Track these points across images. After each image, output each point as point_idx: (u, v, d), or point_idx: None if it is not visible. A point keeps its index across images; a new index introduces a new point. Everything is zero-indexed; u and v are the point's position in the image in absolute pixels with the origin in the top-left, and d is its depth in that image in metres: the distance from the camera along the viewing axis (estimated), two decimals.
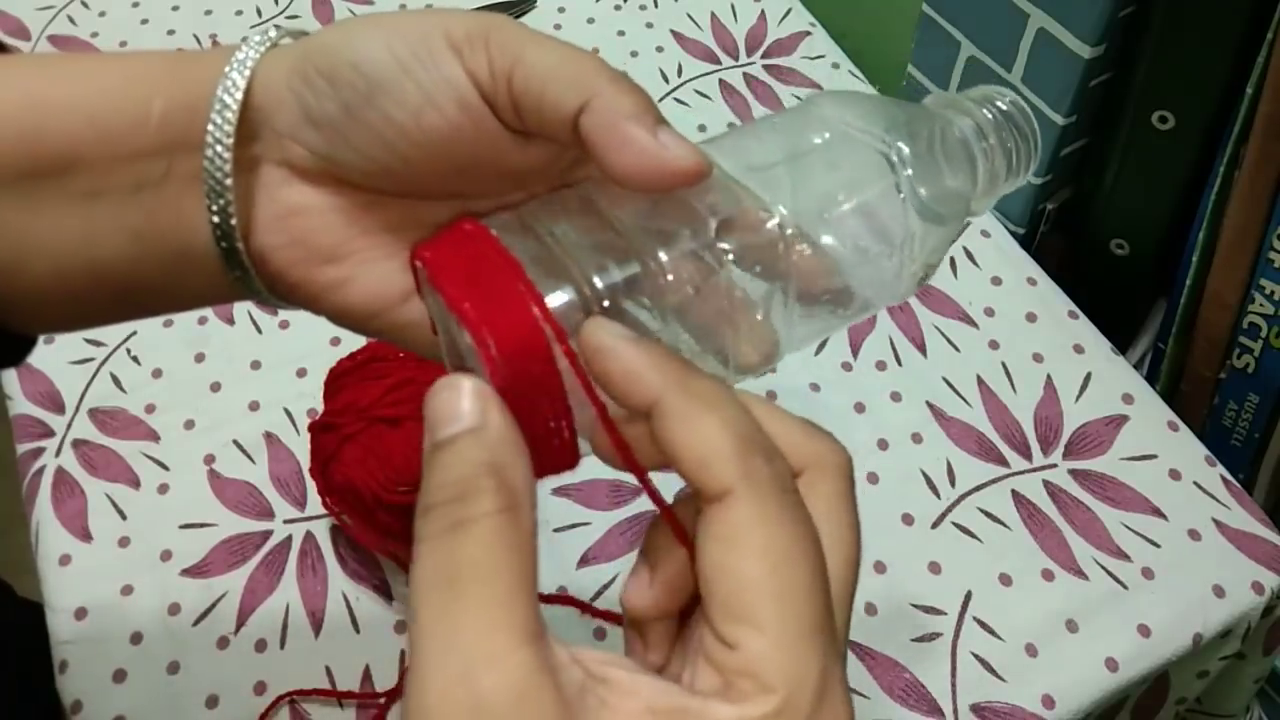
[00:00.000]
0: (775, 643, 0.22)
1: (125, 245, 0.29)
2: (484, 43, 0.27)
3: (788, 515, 0.23)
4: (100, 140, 0.28)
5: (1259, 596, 0.55)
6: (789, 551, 0.23)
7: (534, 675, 0.21)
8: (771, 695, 0.21)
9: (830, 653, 0.22)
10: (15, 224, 0.29)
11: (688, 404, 0.23)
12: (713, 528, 0.23)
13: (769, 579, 0.22)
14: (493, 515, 0.22)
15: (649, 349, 0.24)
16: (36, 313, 0.31)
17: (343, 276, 0.30)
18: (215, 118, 0.28)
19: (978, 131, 0.29)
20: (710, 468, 0.23)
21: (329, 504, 0.54)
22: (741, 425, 0.23)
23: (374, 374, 0.54)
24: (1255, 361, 0.61)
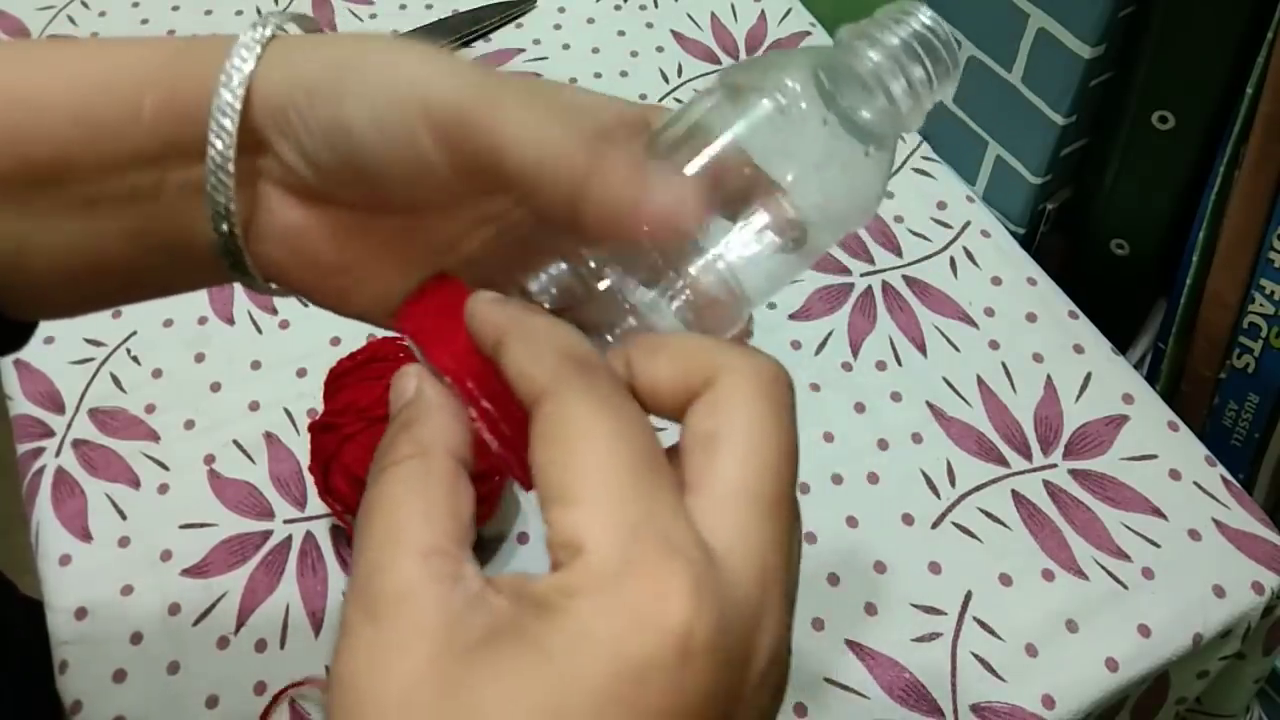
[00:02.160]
0: (583, 507, 0.22)
1: (126, 246, 0.30)
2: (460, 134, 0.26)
3: (596, 400, 0.24)
4: (89, 137, 0.28)
5: (1259, 596, 0.55)
6: (593, 428, 0.23)
7: (418, 580, 0.23)
8: (578, 557, 0.22)
9: (652, 516, 0.22)
10: (14, 228, 0.29)
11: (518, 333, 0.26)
12: (533, 432, 0.24)
13: (574, 454, 0.23)
14: (399, 461, 0.25)
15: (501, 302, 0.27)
16: (39, 302, 0.31)
17: (345, 286, 0.31)
18: (215, 140, 0.28)
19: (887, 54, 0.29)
20: (527, 378, 0.25)
21: (330, 503, 0.55)
22: (558, 341, 0.25)
23: (374, 374, 0.54)
24: (1255, 361, 0.61)
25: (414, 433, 0.26)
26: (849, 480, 0.59)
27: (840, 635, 0.54)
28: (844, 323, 0.66)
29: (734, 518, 0.23)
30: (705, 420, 0.25)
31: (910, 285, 0.68)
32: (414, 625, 0.22)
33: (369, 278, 0.30)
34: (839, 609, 0.55)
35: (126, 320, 0.65)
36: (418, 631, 0.22)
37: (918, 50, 0.29)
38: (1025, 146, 0.68)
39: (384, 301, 0.31)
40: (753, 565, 0.23)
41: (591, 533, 0.22)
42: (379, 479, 0.25)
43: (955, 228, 0.70)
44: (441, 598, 0.23)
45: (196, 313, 0.65)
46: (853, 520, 0.58)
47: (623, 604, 0.21)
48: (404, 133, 0.27)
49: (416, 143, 0.27)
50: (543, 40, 0.80)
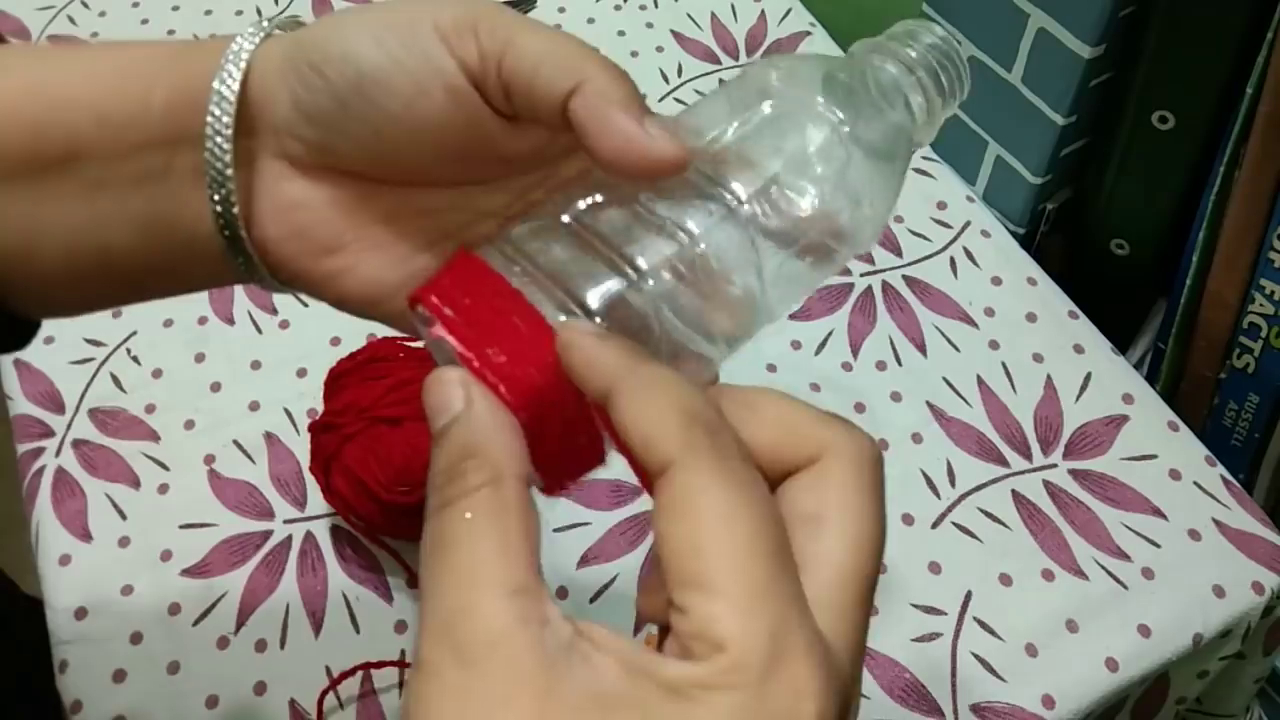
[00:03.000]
0: (721, 602, 0.22)
1: (131, 234, 0.30)
2: (473, 30, 0.27)
3: (731, 480, 0.23)
4: (102, 131, 0.29)
5: (1259, 596, 0.55)
6: (731, 513, 0.23)
7: (510, 625, 0.22)
8: (720, 653, 0.22)
9: (788, 614, 0.22)
10: (23, 213, 0.29)
11: (634, 387, 0.25)
12: (660, 500, 0.23)
13: (710, 540, 0.22)
14: (473, 489, 0.24)
15: (606, 341, 0.26)
16: (45, 297, 0.32)
17: (342, 266, 0.30)
18: (213, 109, 0.28)
19: (904, 69, 0.30)
20: (651, 443, 0.24)
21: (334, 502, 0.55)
22: (683, 402, 0.24)
23: (374, 374, 0.54)
24: (1255, 361, 0.61)
25: (482, 458, 0.25)
26: None
27: None
28: (844, 323, 0.66)
29: (838, 603, 0.24)
30: (809, 500, 0.25)
31: (910, 285, 0.68)
32: (513, 673, 0.22)
33: (363, 260, 0.31)
34: None
35: (126, 320, 0.65)
36: (518, 679, 0.22)
37: (933, 64, 0.30)
38: (1025, 146, 0.68)
39: (376, 288, 0.31)
40: (853, 645, 0.24)
41: (734, 630, 0.22)
42: (448, 509, 0.24)
43: (955, 228, 0.70)
44: (536, 644, 0.22)
45: (196, 313, 0.65)
46: None
47: (767, 704, 0.21)
48: (412, 41, 0.27)
49: (423, 46, 0.27)
50: None
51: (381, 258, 0.31)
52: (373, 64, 0.27)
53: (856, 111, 0.29)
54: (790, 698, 0.21)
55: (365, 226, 0.30)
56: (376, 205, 0.30)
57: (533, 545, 0.24)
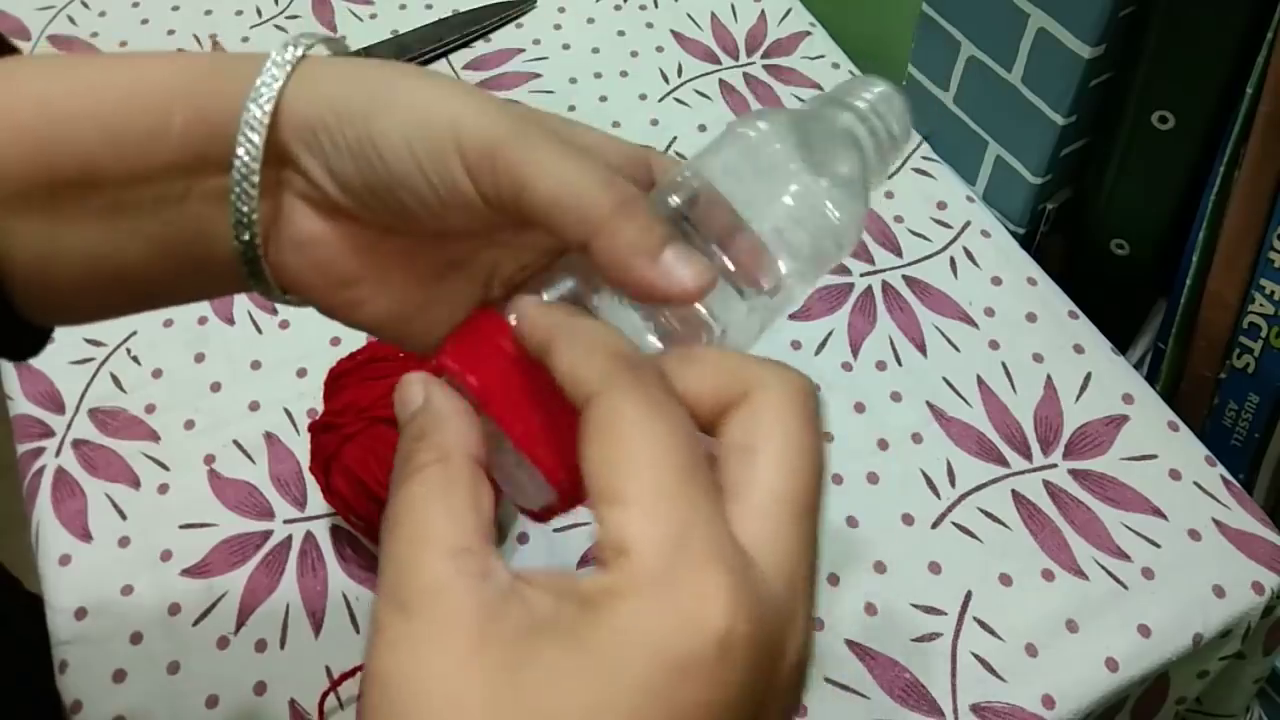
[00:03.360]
0: (630, 509, 0.23)
1: (148, 254, 0.30)
2: (490, 164, 0.28)
3: (646, 402, 0.24)
4: (116, 150, 0.29)
5: (1259, 596, 0.55)
6: (644, 430, 0.24)
7: (450, 577, 0.24)
8: (624, 556, 0.23)
9: (694, 521, 0.23)
10: (39, 234, 0.29)
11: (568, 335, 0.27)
12: (583, 429, 0.25)
13: (623, 454, 0.24)
14: (421, 468, 0.26)
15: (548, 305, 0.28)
16: (59, 309, 0.32)
17: (357, 298, 0.31)
18: (241, 153, 0.28)
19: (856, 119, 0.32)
20: (578, 379, 0.26)
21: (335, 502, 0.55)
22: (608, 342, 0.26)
23: (374, 374, 0.54)
24: (1255, 361, 0.61)
25: (431, 440, 0.27)
26: (849, 480, 0.59)
27: (840, 635, 0.54)
28: (844, 323, 0.66)
29: (769, 524, 0.24)
30: (742, 432, 0.26)
31: (910, 285, 0.68)
32: (450, 618, 0.23)
33: (379, 291, 0.31)
34: (839, 609, 0.55)
35: (126, 320, 0.65)
36: (454, 624, 0.23)
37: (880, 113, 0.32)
38: (1025, 146, 0.68)
39: (391, 314, 0.32)
40: (784, 569, 0.24)
41: (639, 536, 0.23)
42: (401, 486, 0.26)
43: (955, 228, 0.70)
44: (473, 590, 0.23)
45: (196, 313, 0.65)
46: (853, 520, 0.58)
47: (667, 605, 0.22)
48: (438, 159, 0.28)
49: (449, 169, 0.28)
50: (543, 40, 0.80)
51: (395, 289, 0.31)
52: (402, 170, 0.28)
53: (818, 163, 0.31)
54: (693, 600, 0.22)
55: (381, 264, 0.31)
56: (393, 245, 0.31)
57: (481, 515, 0.26)
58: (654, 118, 0.76)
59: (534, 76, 0.78)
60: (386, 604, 0.24)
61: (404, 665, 0.23)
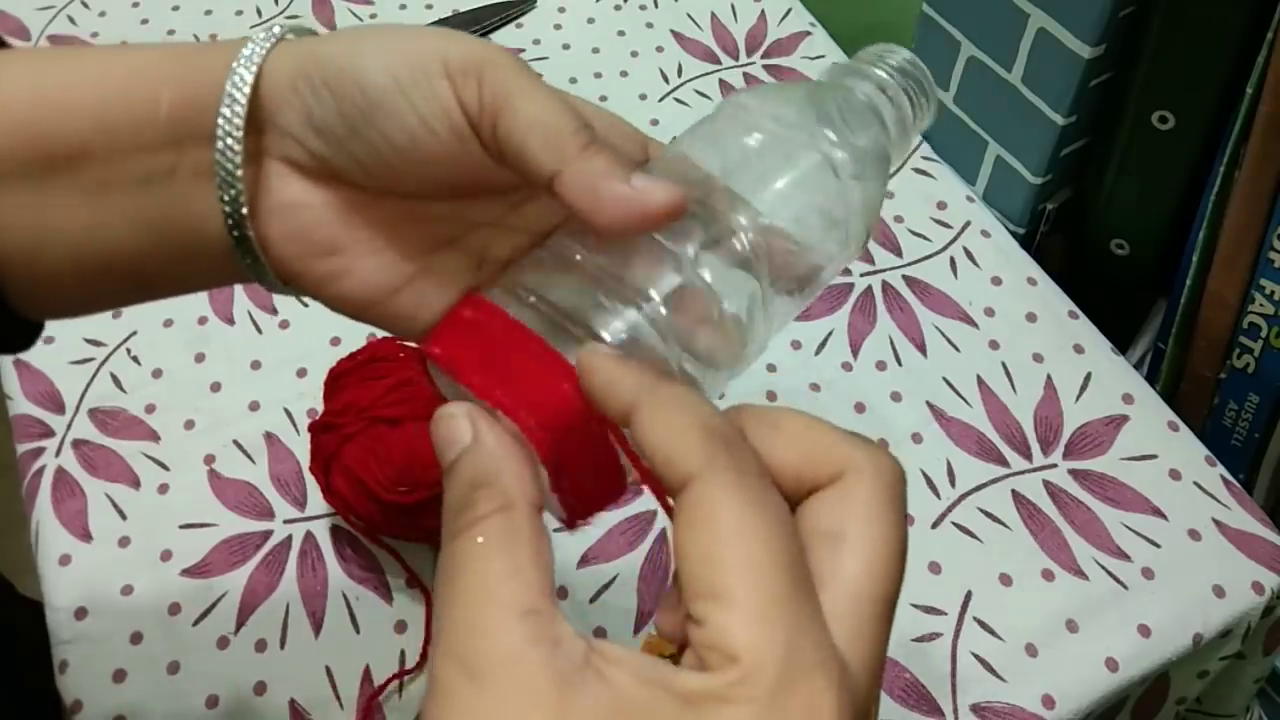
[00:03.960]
0: (737, 613, 0.22)
1: (136, 233, 0.30)
2: (477, 78, 0.28)
3: (749, 494, 0.23)
4: (108, 133, 0.29)
5: (1259, 596, 0.55)
6: (748, 526, 0.23)
7: (524, 644, 0.22)
8: (733, 664, 0.22)
9: (805, 628, 0.22)
10: (29, 215, 0.29)
11: (655, 404, 0.25)
12: (680, 515, 0.24)
13: (727, 552, 0.23)
14: (484, 516, 0.25)
15: (625, 362, 0.26)
16: (50, 298, 0.32)
17: (340, 268, 0.31)
18: (225, 110, 0.29)
19: (878, 89, 0.31)
20: (673, 459, 0.24)
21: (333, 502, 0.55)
22: (703, 418, 0.25)
23: (374, 374, 0.54)
24: (1255, 361, 0.61)
25: (493, 489, 0.25)
26: None
27: None
28: (844, 323, 0.66)
29: (856, 620, 0.24)
30: (831, 518, 0.25)
31: (910, 285, 0.68)
32: (525, 692, 0.22)
33: (362, 262, 0.31)
34: None
35: (126, 320, 0.65)
36: (531, 699, 0.22)
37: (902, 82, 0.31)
38: (1025, 146, 0.68)
39: (374, 290, 0.31)
40: (870, 666, 0.24)
41: (748, 642, 0.22)
42: (459, 536, 0.25)
43: (955, 228, 0.70)
44: (548, 662, 0.22)
45: (196, 313, 0.65)
46: None
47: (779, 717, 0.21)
48: (421, 77, 0.28)
49: (431, 84, 0.28)
50: (543, 40, 0.80)
51: (378, 262, 0.31)
52: (382, 94, 0.28)
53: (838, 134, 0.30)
54: (804, 713, 0.21)
55: (362, 230, 0.31)
56: (374, 212, 0.31)
57: (545, 570, 0.24)
58: (654, 118, 0.76)
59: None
60: (451, 667, 0.23)
61: None
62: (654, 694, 0.22)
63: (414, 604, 0.54)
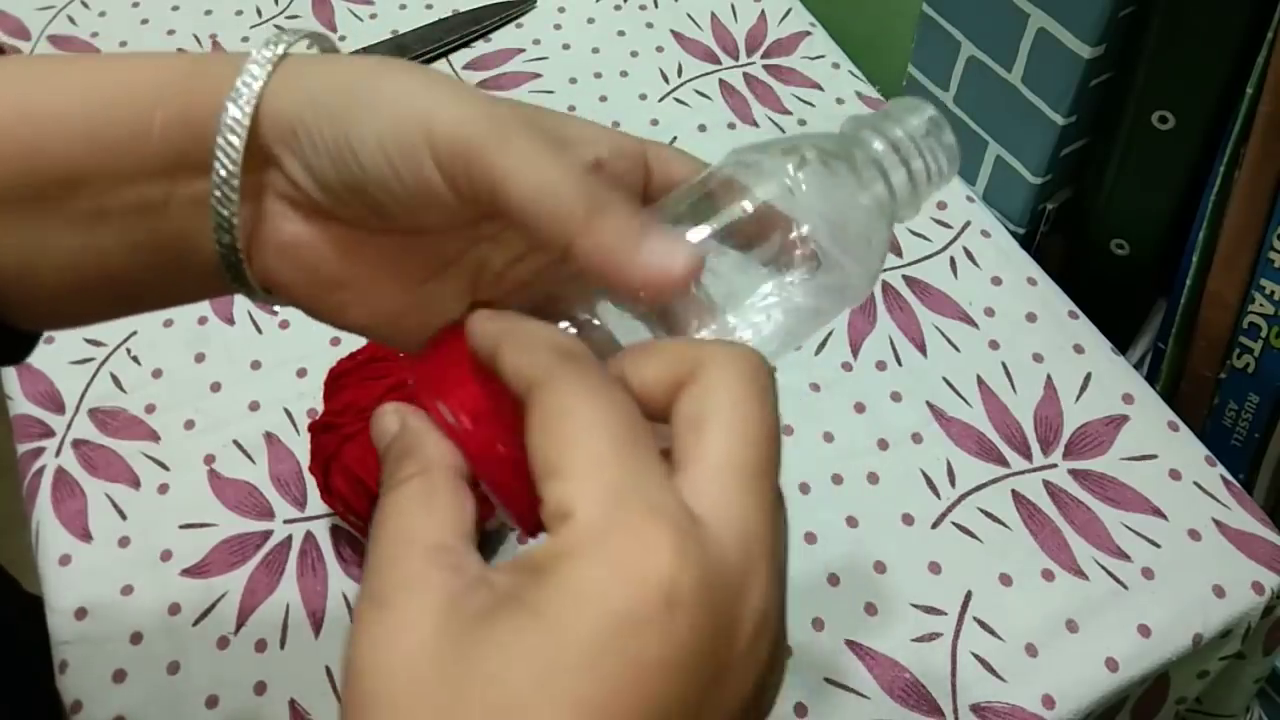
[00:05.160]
0: (568, 479, 0.24)
1: (131, 259, 0.30)
2: (464, 163, 0.27)
3: (584, 388, 0.25)
4: (99, 153, 0.28)
5: (1259, 596, 0.55)
6: (582, 411, 0.25)
7: (424, 569, 0.24)
8: (566, 520, 0.23)
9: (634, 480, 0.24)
10: (22, 238, 0.29)
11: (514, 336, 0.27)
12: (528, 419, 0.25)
13: (563, 434, 0.24)
14: (406, 479, 0.27)
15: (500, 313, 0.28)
16: (44, 313, 0.32)
17: (346, 300, 0.31)
18: (221, 156, 0.28)
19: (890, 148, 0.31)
20: (521, 373, 0.26)
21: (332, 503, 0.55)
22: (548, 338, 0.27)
23: (374, 374, 0.54)
24: (1255, 361, 0.61)
25: (413, 456, 0.27)
26: (849, 480, 0.59)
27: (840, 635, 0.54)
28: (844, 323, 0.66)
29: (717, 487, 0.25)
30: (691, 405, 0.26)
31: (910, 285, 0.68)
32: (419, 606, 0.24)
33: (367, 293, 0.31)
34: (839, 609, 0.55)
35: (126, 320, 0.64)
36: (422, 611, 0.24)
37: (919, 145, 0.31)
38: (1025, 146, 0.68)
39: (381, 316, 0.31)
40: (735, 531, 0.24)
41: (578, 499, 0.23)
42: (384, 499, 0.27)
43: (955, 228, 0.70)
44: (445, 581, 0.24)
45: (196, 313, 0.65)
46: (853, 520, 0.58)
47: (608, 560, 0.23)
48: (409, 158, 0.27)
49: (421, 168, 0.28)
50: (543, 40, 0.80)
51: (381, 292, 0.31)
52: (375, 168, 0.28)
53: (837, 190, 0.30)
54: (636, 552, 0.22)
55: (364, 265, 0.31)
56: (378, 246, 0.31)
57: (459, 517, 0.26)
58: (654, 118, 0.76)
59: (534, 76, 0.78)
60: (364, 602, 0.25)
61: (374, 653, 0.23)
62: (517, 578, 0.24)
63: None
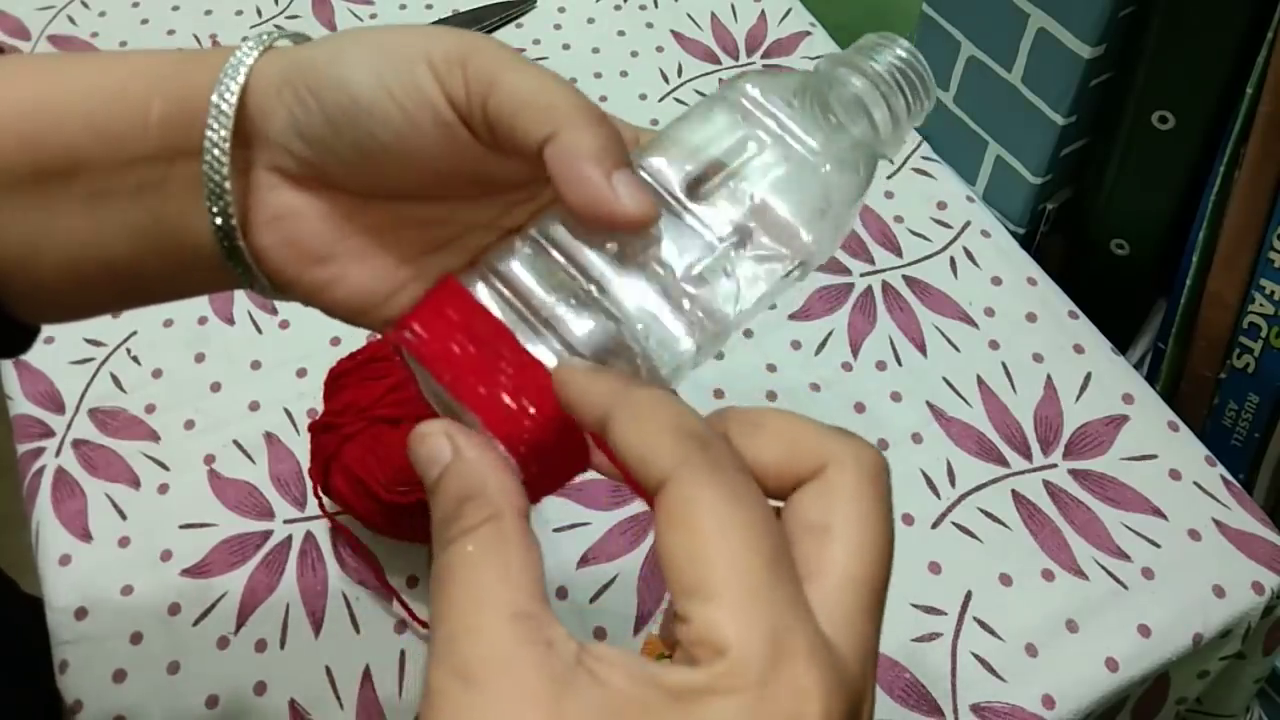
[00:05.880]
0: (720, 606, 0.22)
1: (131, 243, 0.30)
2: (461, 66, 0.28)
3: (725, 489, 0.23)
4: (100, 143, 0.29)
5: (1259, 596, 0.55)
6: (726, 520, 0.23)
7: (516, 645, 0.23)
8: (720, 657, 0.22)
9: (788, 617, 0.22)
10: (25, 223, 0.30)
11: (628, 411, 0.25)
12: (659, 517, 0.24)
13: (707, 547, 0.23)
14: (473, 528, 0.25)
15: (598, 374, 0.27)
16: (46, 303, 0.32)
17: (333, 276, 0.31)
18: (212, 123, 0.29)
19: (870, 84, 0.31)
20: (647, 462, 0.24)
21: (324, 506, 0.55)
22: (676, 420, 0.25)
23: (374, 374, 0.54)
24: (1255, 361, 0.61)
25: (480, 500, 0.25)
26: None
27: None
28: (844, 323, 0.66)
29: (845, 609, 0.24)
30: (815, 510, 0.25)
31: (910, 285, 0.68)
32: (519, 693, 0.22)
33: (360, 267, 0.31)
34: None
35: (126, 320, 0.65)
36: (524, 699, 0.22)
37: (898, 79, 0.31)
38: (1025, 146, 0.68)
39: (373, 295, 0.31)
40: (861, 654, 0.24)
41: (733, 634, 0.22)
42: (450, 547, 0.25)
43: (955, 228, 0.70)
44: (541, 662, 0.22)
45: (196, 313, 0.65)
46: None
47: (769, 707, 0.22)
48: (405, 75, 0.28)
49: (416, 80, 0.28)
50: (543, 40, 0.80)
51: (371, 268, 0.31)
52: (366, 94, 0.28)
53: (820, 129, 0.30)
54: (792, 699, 0.22)
55: (355, 237, 0.31)
56: (366, 217, 0.31)
57: (535, 575, 0.24)
58: (654, 118, 0.76)
59: None
60: (444, 672, 0.23)
61: None
62: (645, 691, 0.22)
63: (414, 604, 0.54)
